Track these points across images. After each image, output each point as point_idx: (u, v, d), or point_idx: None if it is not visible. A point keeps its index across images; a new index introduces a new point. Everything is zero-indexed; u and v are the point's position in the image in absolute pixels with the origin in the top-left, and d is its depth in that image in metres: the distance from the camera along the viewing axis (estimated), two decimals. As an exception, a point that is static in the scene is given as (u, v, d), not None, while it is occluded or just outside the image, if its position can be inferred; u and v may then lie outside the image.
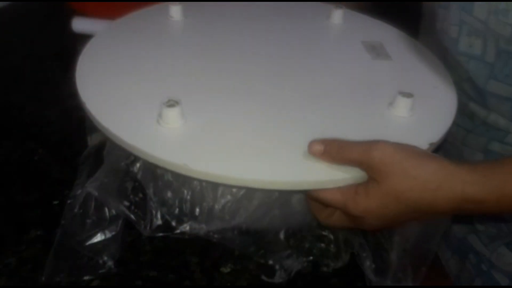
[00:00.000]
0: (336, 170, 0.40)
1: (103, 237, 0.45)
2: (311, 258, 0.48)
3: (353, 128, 0.45)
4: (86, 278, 0.45)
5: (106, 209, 0.45)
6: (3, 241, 0.48)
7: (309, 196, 0.42)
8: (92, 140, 0.49)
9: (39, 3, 0.89)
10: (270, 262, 0.47)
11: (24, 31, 0.82)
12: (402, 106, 0.47)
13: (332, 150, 0.40)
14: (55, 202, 0.52)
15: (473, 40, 0.51)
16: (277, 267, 0.47)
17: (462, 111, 0.56)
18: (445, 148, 0.62)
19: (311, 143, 0.40)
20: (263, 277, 0.46)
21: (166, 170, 0.43)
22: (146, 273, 0.47)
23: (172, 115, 0.42)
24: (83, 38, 0.54)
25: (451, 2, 0.52)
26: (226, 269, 0.48)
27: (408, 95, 0.47)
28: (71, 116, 0.62)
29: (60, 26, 0.77)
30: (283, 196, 0.46)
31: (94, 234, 0.45)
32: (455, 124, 0.58)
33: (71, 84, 0.47)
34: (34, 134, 0.61)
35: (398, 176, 0.37)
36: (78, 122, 0.50)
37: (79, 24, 0.75)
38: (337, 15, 0.64)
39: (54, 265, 0.44)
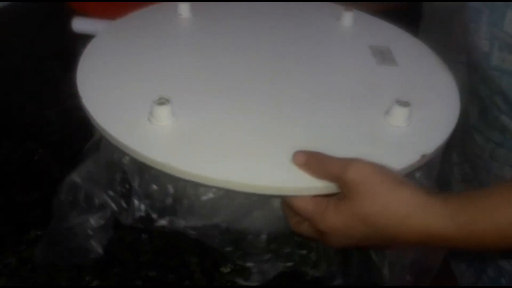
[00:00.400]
0: (314, 179, 0.39)
1: (92, 223, 0.45)
2: (290, 264, 0.47)
3: (346, 136, 0.45)
4: (85, 276, 0.45)
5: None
6: (3, 241, 0.48)
7: (284, 201, 0.42)
8: (97, 133, 0.49)
9: (39, 3, 0.88)
10: (248, 264, 0.46)
11: (24, 31, 0.82)
12: (398, 115, 0.45)
13: (312, 163, 0.39)
14: (55, 202, 0.52)
15: (506, 55, 0.50)
16: (254, 270, 0.46)
17: (492, 125, 0.55)
18: (472, 162, 0.61)
19: (296, 154, 0.40)
20: (238, 279, 0.46)
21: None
22: (146, 273, 0.47)
23: (162, 113, 0.42)
24: (83, 38, 0.54)
25: (481, 17, 0.51)
26: (226, 269, 0.48)
27: (405, 104, 0.45)
28: (71, 116, 0.62)
29: (60, 26, 0.77)
30: (264, 198, 0.45)
31: (83, 220, 0.45)
32: (484, 137, 0.56)
33: (71, 84, 0.47)
34: (34, 134, 0.61)
35: (367, 199, 0.37)
36: (78, 122, 0.50)
37: (79, 24, 0.75)
38: (347, 17, 0.62)
39: (45, 250, 0.45)
